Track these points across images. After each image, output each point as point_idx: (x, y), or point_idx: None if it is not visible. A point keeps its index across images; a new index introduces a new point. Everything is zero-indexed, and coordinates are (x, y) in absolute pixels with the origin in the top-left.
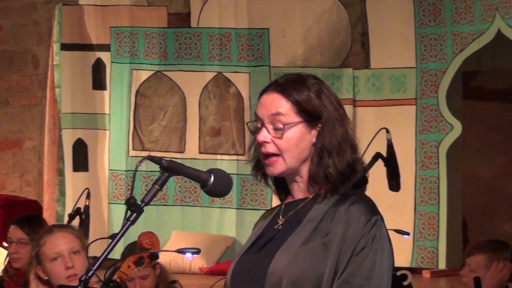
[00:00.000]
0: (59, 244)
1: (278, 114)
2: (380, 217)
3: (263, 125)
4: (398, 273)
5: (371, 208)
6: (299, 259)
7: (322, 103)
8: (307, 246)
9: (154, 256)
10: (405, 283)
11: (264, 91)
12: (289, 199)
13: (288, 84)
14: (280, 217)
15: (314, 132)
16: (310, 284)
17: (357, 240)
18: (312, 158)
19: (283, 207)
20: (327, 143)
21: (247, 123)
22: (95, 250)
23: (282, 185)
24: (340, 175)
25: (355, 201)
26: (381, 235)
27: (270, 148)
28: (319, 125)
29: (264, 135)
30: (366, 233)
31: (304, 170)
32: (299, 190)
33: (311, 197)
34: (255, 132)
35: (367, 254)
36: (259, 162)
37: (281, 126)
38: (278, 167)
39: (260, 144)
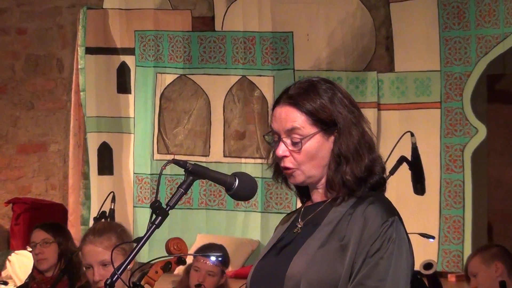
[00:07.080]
0: (89, 256)
1: (293, 128)
2: (398, 218)
3: (280, 139)
4: (424, 261)
5: (388, 209)
6: (316, 263)
7: (336, 109)
8: (324, 249)
9: (182, 261)
10: (430, 272)
11: (277, 103)
12: (308, 203)
13: (300, 95)
14: (299, 220)
15: (332, 138)
16: (328, 287)
17: (372, 241)
18: (329, 164)
19: (302, 210)
20: (344, 149)
21: (263, 136)
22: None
23: (304, 187)
24: (357, 180)
25: (372, 202)
26: (397, 236)
27: (288, 163)
28: (336, 132)
29: (282, 150)
30: (382, 234)
31: (324, 176)
32: (318, 194)
33: (329, 200)
34: (272, 144)
35: (381, 256)
36: (279, 166)
37: (298, 140)
38: (297, 177)
39: (279, 158)
